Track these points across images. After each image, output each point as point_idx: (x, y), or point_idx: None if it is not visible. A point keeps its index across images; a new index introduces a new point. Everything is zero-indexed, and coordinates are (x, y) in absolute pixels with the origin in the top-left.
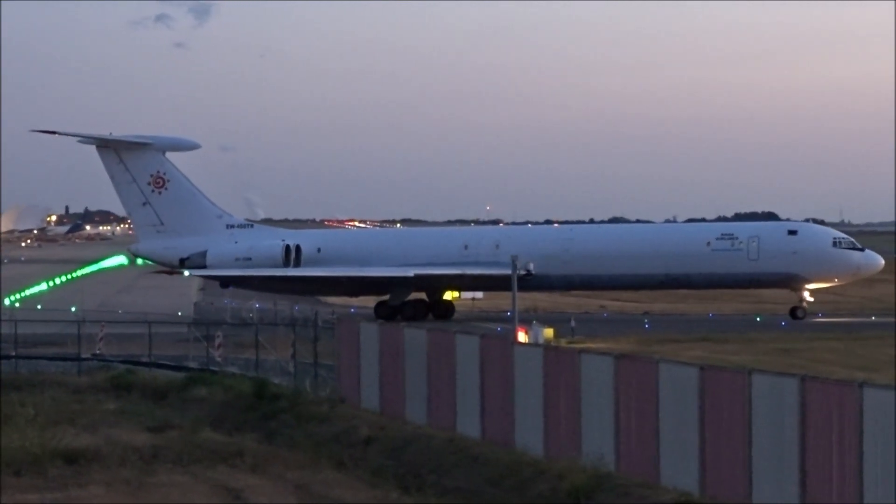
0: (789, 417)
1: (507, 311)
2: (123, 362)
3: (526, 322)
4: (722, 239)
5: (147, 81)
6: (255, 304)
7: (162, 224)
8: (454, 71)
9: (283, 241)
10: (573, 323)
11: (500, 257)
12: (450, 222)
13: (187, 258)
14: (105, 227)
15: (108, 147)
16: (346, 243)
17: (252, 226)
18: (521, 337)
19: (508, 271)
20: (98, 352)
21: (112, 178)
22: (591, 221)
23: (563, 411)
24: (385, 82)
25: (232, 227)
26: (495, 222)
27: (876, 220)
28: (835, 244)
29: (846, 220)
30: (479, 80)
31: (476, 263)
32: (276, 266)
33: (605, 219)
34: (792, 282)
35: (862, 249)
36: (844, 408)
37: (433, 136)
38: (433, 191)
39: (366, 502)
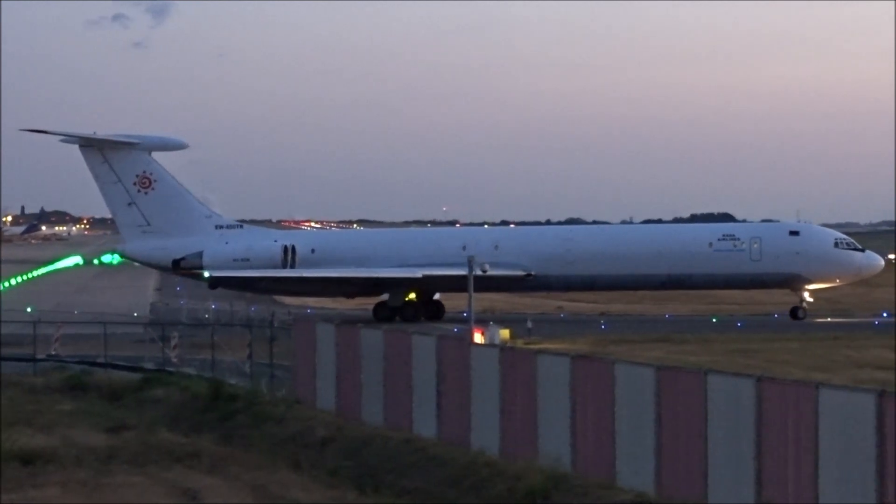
0: (745, 418)
1: (464, 312)
2: (79, 363)
3: (482, 323)
4: (724, 240)
5: (105, 81)
6: (212, 304)
7: (148, 224)
8: (410, 71)
9: (276, 241)
10: (530, 324)
11: (500, 258)
12: (407, 223)
13: (182, 259)
14: (61, 228)
15: (93, 146)
16: (340, 244)
17: (241, 226)
18: (478, 338)
19: (510, 272)
20: (54, 352)
21: (96, 177)
22: (548, 222)
23: (519, 412)
24: (341, 83)
25: (221, 227)
26: (452, 223)
27: (833, 220)
28: (836, 245)
29: (802, 221)
30: (436, 81)
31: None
32: (275, 267)
33: (562, 220)
34: (794, 282)
35: (862, 250)
36: (801, 408)
37: (389, 137)
38: (390, 192)
39: (322, 503)
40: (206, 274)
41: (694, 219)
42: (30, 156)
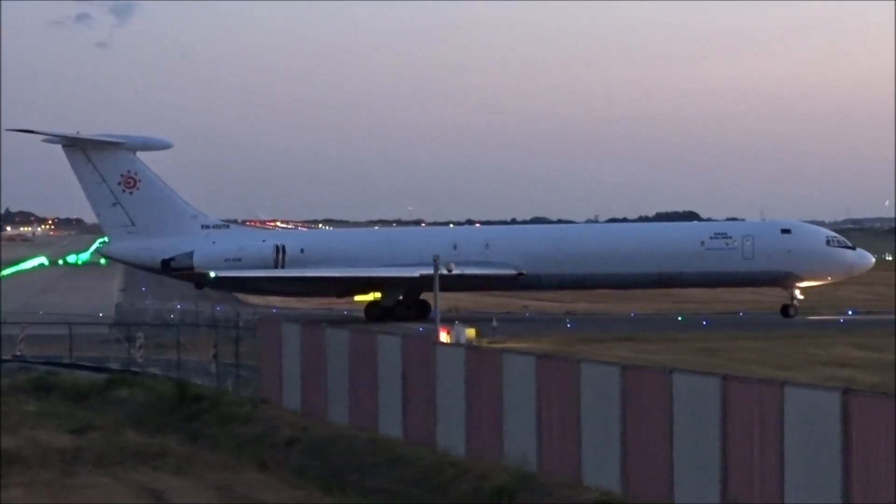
0: (711, 416)
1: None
2: (45, 363)
3: (448, 322)
4: (716, 238)
5: (69, 81)
6: (177, 304)
7: (133, 225)
8: (374, 71)
9: (265, 241)
10: (495, 323)
11: (491, 257)
12: (371, 222)
13: (172, 259)
14: (26, 228)
15: (76, 146)
16: (329, 243)
17: (228, 226)
18: (444, 337)
19: (501, 272)
20: (19, 353)
21: (79, 178)
22: (514, 221)
23: (485, 411)
24: (306, 82)
25: (207, 227)
26: (417, 222)
27: (796, 219)
28: (828, 243)
29: (766, 220)
30: (400, 81)
31: (466, 263)
32: (267, 267)
33: (527, 219)
34: (786, 280)
35: (853, 248)
36: (766, 407)
37: (354, 136)
38: (355, 191)
39: (288, 503)
40: (212, 274)
41: (659, 217)
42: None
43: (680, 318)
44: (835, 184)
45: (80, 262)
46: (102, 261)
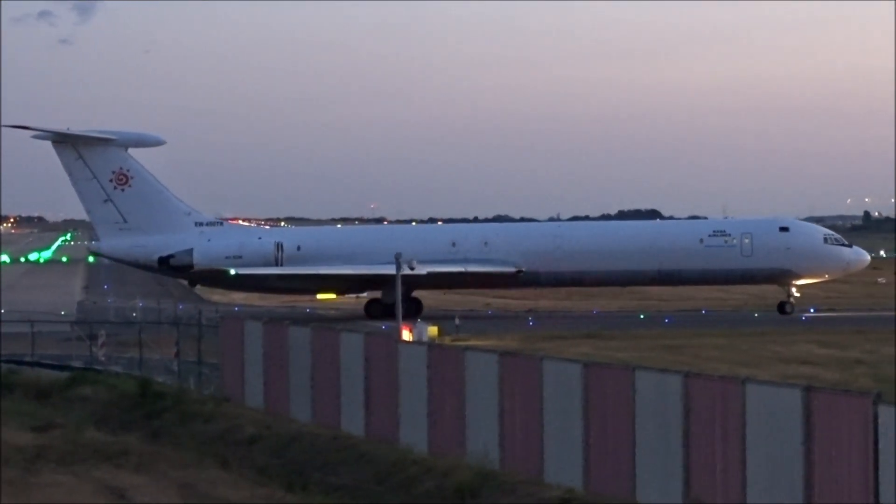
0: (673, 414)
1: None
2: (6, 361)
3: (410, 320)
4: (715, 235)
5: (32, 78)
6: (139, 302)
7: (125, 222)
8: (334, 67)
9: (260, 238)
10: (457, 321)
11: (490, 254)
12: (334, 220)
13: (171, 256)
14: None
15: (67, 143)
16: (327, 241)
17: (222, 223)
18: (406, 335)
19: (500, 269)
20: None
21: (70, 174)
22: (476, 219)
23: (447, 409)
24: (267, 78)
25: (201, 224)
26: (379, 220)
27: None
28: (825, 241)
29: (728, 218)
30: (360, 77)
31: (465, 261)
32: (268, 264)
33: (489, 217)
34: (784, 277)
35: (850, 246)
36: (728, 404)
37: (316, 133)
38: (317, 189)
39: (251, 501)
40: (233, 271)
41: (622, 215)
42: None
43: (642, 317)
44: (797, 181)
45: (42, 260)
46: (64, 258)
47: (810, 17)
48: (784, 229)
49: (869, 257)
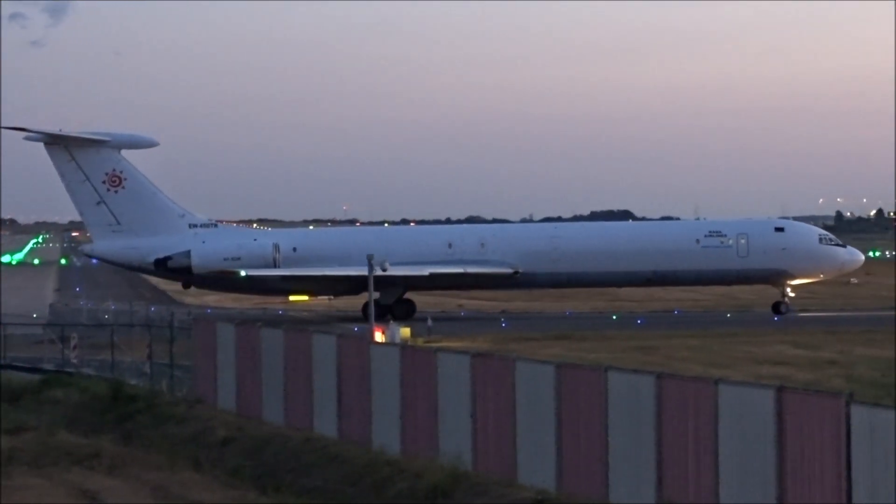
0: (646, 415)
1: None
2: None
3: (383, 321)
4: (711, 236)
5: (3, 79)
6: (111, 305)
7: (118, 224)
8: (305, 69)
9: (256, 240)
10: (430, 322)
11: (487, 256)
12: (306, 221)
13: (169, 258)
14: None
15: (59, 144)
16: (322, 242)
17: (216, 225)
18: (378, 336)
19: (497, 270)
20: None
21: (62, 176)
22: (448, 221)
23: (420, 410)
24: (238, 80)
25: (195, 226)
26: (351, 222)
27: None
28: (821, 241)
29: (701, 218)
30: (331, 78)
31: (461, 262)
32: (267, 266)
33: (462, 218)
34: (779, 278)
35: (844, 246)
36: (700, 404)
37: (287, 135)
38: (288, 190)
39: (223, 503)
40: (243, 273)
41: (594, 216)
42: None
43: (614, 318)
44: (769, 181)
45: (14, 262)
46: (36, 261)
47: (785, 20)
48: (780, 230)
49: (863, 258)
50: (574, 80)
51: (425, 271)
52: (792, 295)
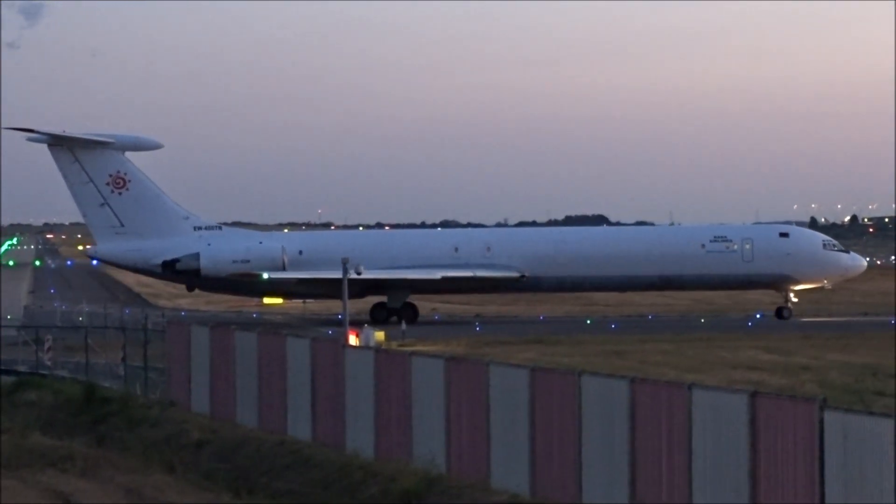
0: (619, 419)
1: (339, 314)
2: None
3: (357, 325)
4: (716, 241)
5: None
6: (85, 307)
7: (122, 226)
8: (282, 72)
9: (261, 242)
10: (404, 326)
11: (493, 260)
12: (281, 225)
13: (177, 260)
14: None
15: (63, 145)
16: (327, 245)
17: (220, 228)
18: (353, 340)
19: (503, 274)
20: None
21: (65, 177)
22: (423, 225)
23: (394, 414)
24: (213, 83)
25: (200, 228)
26: (327, 225)
27: (706, 222)
28: (824, 246)
29: (675, 223)
30: (308, 82)
31: (467, 266)
32: (276, 268)
33: (436, 222)
34: (783, 283)
35: (847, 252)
36: (674, 409)
37: (263, 138)
38: (263, 194)
39: None
40: (265, 275)
41: (569, 221)
42: None
43: (588, 322)
44: (743, 187)
45: None
46: (11, 262)
47: (766, 21)
48: (784, 235)
49: (865, 263)
50: (548, 84)
51: (436, 275)
52: (795, 300)
